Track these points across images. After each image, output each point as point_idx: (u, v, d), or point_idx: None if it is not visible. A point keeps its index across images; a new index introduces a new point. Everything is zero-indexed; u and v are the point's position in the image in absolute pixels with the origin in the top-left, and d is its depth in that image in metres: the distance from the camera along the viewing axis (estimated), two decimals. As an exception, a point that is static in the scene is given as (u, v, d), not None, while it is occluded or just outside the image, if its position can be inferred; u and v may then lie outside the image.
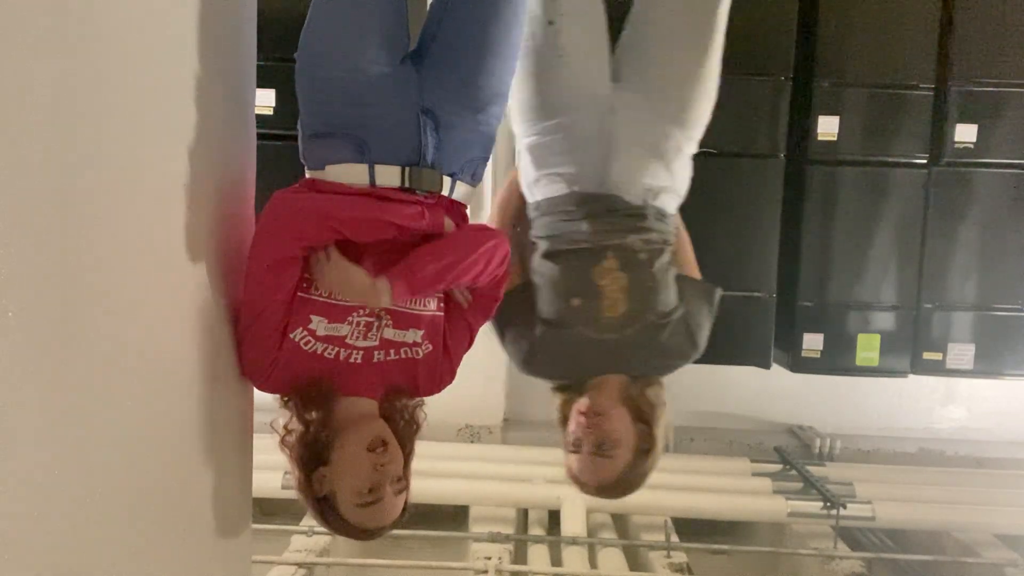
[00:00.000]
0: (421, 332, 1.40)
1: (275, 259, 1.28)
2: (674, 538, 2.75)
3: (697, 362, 3.40)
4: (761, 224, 3.02)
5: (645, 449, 1.49)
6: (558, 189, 1.59)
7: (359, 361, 1.36)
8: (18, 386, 0.77)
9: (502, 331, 1.63)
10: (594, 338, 1.53)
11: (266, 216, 1.30)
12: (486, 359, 3.23)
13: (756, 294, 3.05)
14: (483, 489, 2.93)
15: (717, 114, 3.01)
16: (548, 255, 1.59)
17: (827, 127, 2.99)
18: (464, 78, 1.41)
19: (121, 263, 0.96)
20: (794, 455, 3.30)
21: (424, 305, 1.40)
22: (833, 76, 2.98)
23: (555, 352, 1.56)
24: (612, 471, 1.48)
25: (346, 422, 1.30)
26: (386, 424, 1.34)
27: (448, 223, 1.41)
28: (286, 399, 1.34)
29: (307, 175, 1.42)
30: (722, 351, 3.09)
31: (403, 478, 1.33)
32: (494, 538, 2.67)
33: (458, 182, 1.43)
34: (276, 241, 1.28)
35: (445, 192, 1.41)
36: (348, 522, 1.30)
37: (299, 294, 1.32)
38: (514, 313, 1.57)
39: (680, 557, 2.62)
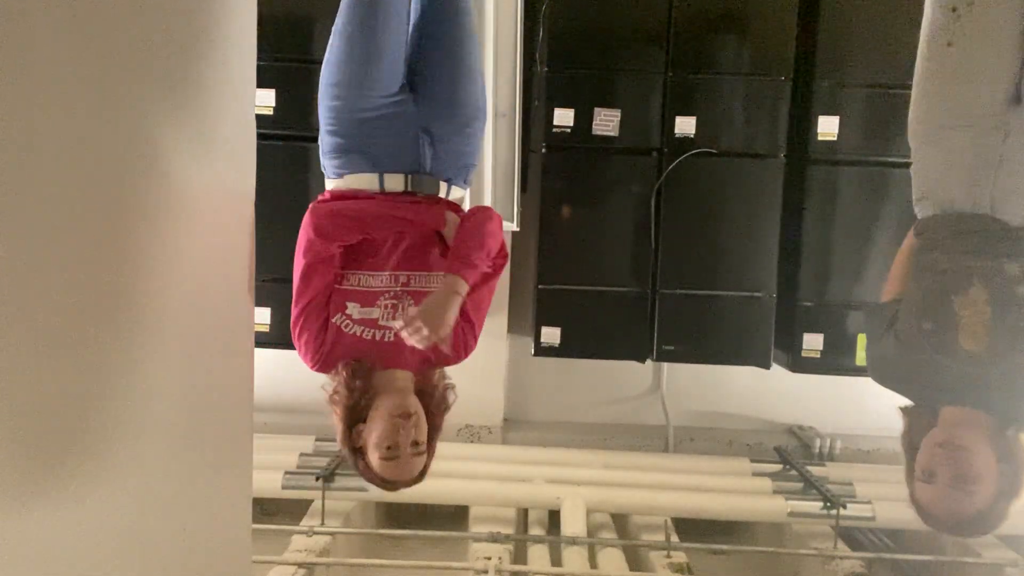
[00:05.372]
0: None
1: (316, 259, 1.56)
2: (674, 538, 2.74)
3: (697, 362, 3.42)
4: (761, 224, 3.02)
5: (1008, 492, 1.38)
6: (932, 210, 1.54)
7: (392, 339, 1.59)
8: (22, 385, 0.77)
9: (868, 335, 1.64)
10: (950, 366, 1.43)
11: (305, 226, 1.58)
12: (486, 359, 3.27)
13: (756, 294, 3.05)
14: (483, 489, 2.93)
15: (717, 114, 3.04)
16: (915, 275, 1.54)
17: (827, 127, 2.99)
18: (449, 102, 1.72)
19: (120, 263, 0.96)
20: (794, 455, 3.30)
21: (437, 283, 1.63)
22: (833, 76, 2.98)
23: (900, 368, 1.52)
24: (968, 508, 1.38)
25: (384, 390, 1.56)
26: (417, 400, 1.57)
27: (450, 215, 1.68)
28: (336, 371, 1.58)
29: (327, 184, 1.73)
30: (722, 351, 3.14)
31: (421, 444, 1.55)
32: (494, 538, 2.67)
33: (452, 186, 1.74)
34: (316, 245, 1.56)
35: (442, 195, 1.71)
36: (374, 471, 1.55)
37: (335, 286, 1.60)
38: (879, 322, 1.56)
39: (680, 557, 2.62)
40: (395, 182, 1.66)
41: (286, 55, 2.79)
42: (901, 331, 1.51)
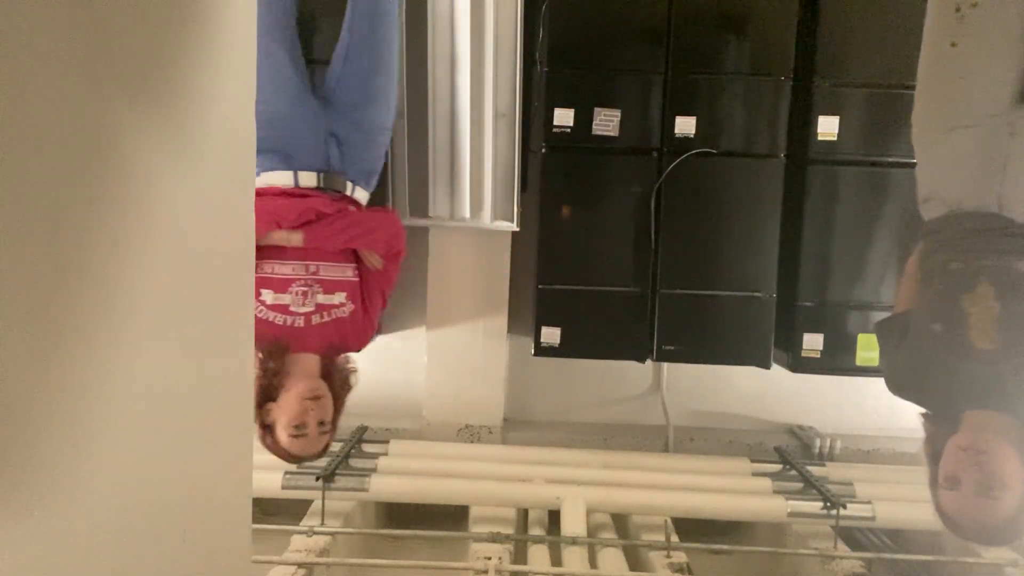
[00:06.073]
0: (344, 294, 1.89)
1: None
2: (674, 538, 2.74)
3: (697, 362, 3.42)
4: (761, 224, 3.02)
5: None
6: (939, 211, 1.52)
7: (302, 325, 1.79)
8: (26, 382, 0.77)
9: (881, 347, 1.62)
10: (963, 368, 1.41)
11: None
12: (486, 359, 3.27)
13: (756, 294, 3.05)
14: (483, 489, 2.93)
15: (717, 114, 3.04)
16: (924, 278, 1.52)
17: (827, 127, 2.99)
18: (358, 113, 1.99)
19: (115, 263, 0.96)
20: (794, 455, 3.30)
21: (343, 273, 1.88)
22: (833, 76, 2.98)
23: (916, 377, 1.50)
24: (995, 515, 1.34)
25: (293, 373, 1.72)
26: (324, 383, 1.74)
27: (351, 209, 1.96)
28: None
29: None
30: (722, 351, 3.14)
31: (327, 423, 1.74)
32: (494, 538, 2.67)
33: (356, 186, 2.02)
34: None
35: (348, 192, 2.00)
36: (282, 446, 1.72)
37: None
38: (892, 333, 1.55)
39: (680, 557, 2.62)
40: (308, 179, 1.90)
41: (286, 55, 2.79)
42: (914, 338, 1.50)
